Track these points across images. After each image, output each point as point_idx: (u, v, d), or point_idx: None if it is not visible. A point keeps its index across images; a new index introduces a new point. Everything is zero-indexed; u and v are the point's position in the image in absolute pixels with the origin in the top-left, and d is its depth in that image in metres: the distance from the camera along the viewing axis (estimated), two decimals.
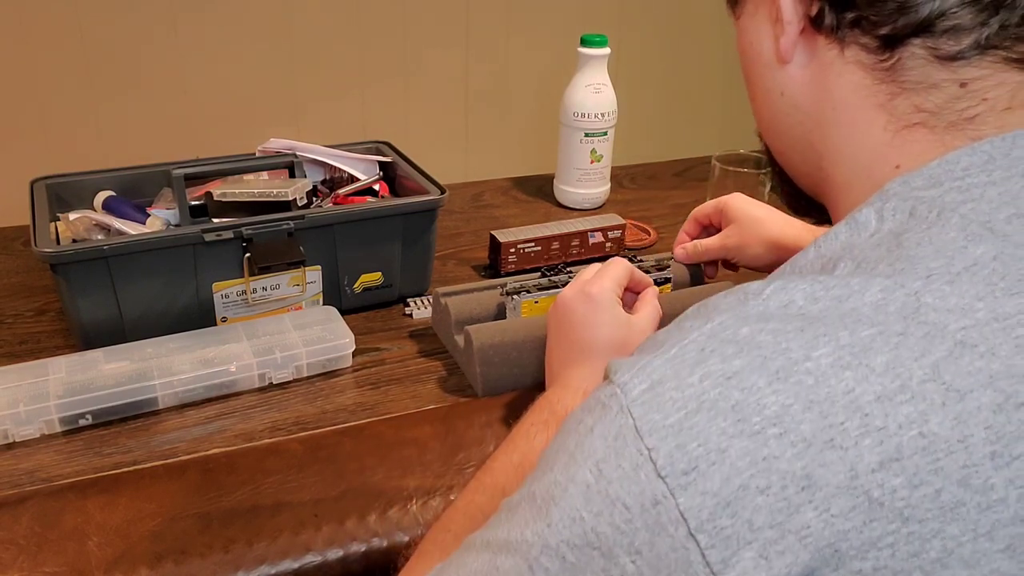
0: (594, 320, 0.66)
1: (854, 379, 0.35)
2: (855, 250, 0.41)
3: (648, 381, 0.38)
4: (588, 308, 0.66)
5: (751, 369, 0.36)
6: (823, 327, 0.37)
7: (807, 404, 0.35)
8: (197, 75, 1.47)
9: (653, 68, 1.83)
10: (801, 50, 0.48)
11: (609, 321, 0.66)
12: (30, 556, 0.59)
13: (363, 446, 0.71)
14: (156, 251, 0.81)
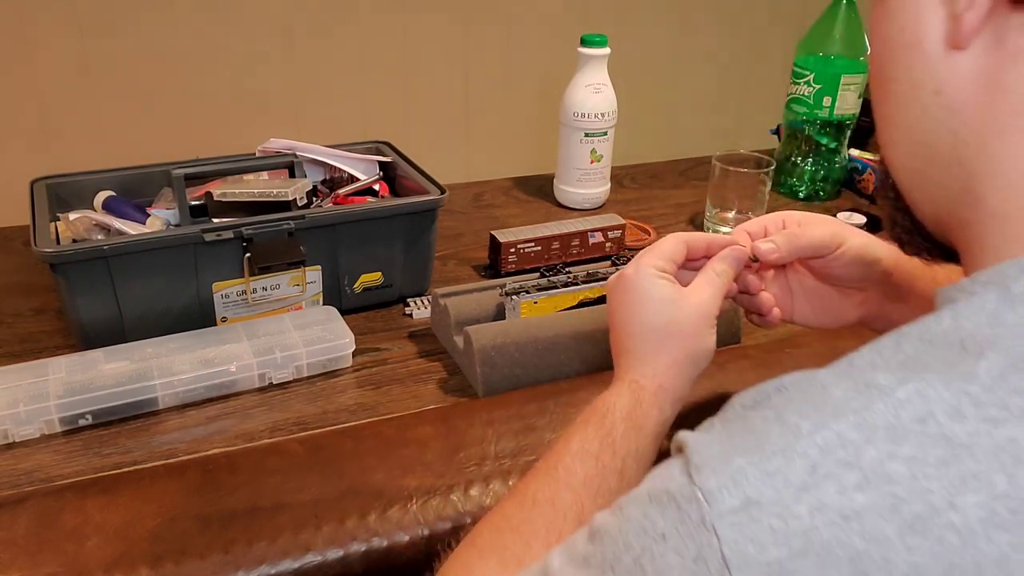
0: (630, 300, 0.59)
1: (1011, 545, 0.28)
2: (1010, 339, 0.33)
3: (741, 497, 0.32)
4: (624, 289, 0.60)
5: (879, 511, 0.29)
6: (973, 463, 0.30)
7: (948, 568, 0.28)
8: (197, 75, 1.47)
9: (653, 68, 1.83)
10: (983, 39, 0.39)
11: (646, 301, 0.58)
12: (29, 556, 0.58)
13: (363, 446, 0.70)
14: (156, 251, 0.81)
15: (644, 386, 0.58)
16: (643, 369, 0.58)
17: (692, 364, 0.59)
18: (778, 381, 0.38)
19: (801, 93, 1.23)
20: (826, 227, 0.64)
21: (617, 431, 0.55)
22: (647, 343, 0.58)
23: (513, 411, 0.75)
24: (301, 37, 1.52)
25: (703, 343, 0.59)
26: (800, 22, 1.81)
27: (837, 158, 1.26)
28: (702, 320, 0.59)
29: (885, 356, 0.35)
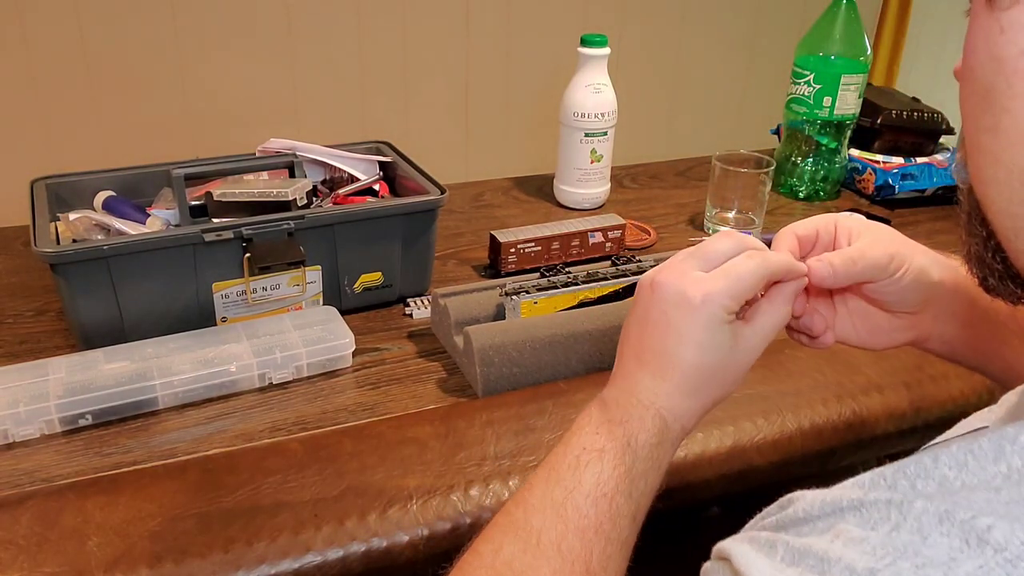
0: (686, 333, 0.50)
1: None
2: None
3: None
4: (684, 316, 0.50)
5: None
6: None
7: None
8: (197, 75, 1.47)
9: (653, 68, 1.83)
10: None
11: (705, 342, 0.50)
12: (30, 556, 0.58)
13: (363, 446, 0.71)
14: (156, 251, 0.81)
15: (670, 426, 0.52)
16: (673, 403, 0.52)
17: (717, 403, 0.54)
18: (857, 494, 0.33)
19: (801, 93, 1.23)
20: (885, 247, 0.56)
21: (636, 472, 0.50)
22: (689, 379, 0.51)
23: (513, 411, 0.75)
24: (301, 37, 1.52)
25: (738, 384, 0.54)
26: (800, 22, 1.81)
27: (837, 158, 1.26)
28: (749, 364, 0.54)
29: (982, 464, 0.32)
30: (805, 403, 0.78)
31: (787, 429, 0.75)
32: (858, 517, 0.32)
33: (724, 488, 0.72)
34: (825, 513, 0.34)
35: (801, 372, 0.82)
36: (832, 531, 0.33)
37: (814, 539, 0.33)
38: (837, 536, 0.32)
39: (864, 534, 0.31)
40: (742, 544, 0.35)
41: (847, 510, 0.33)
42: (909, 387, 0.80)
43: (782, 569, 0.32)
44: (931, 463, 0.33)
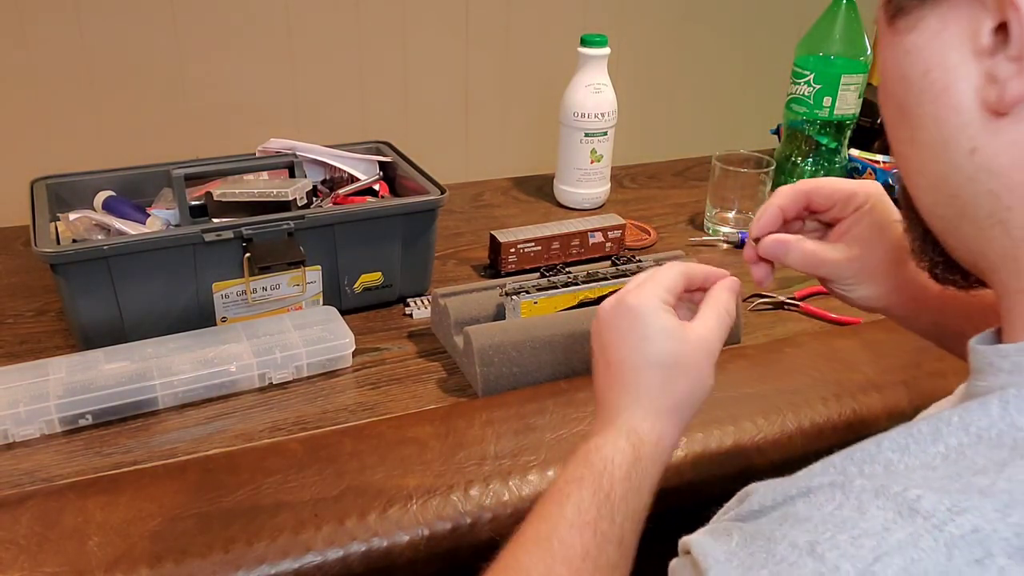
0: (634, 334, 0.54)
1: None
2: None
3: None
4: (626, 321, 0.55)
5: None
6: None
7: None
8: (197, 75, 1.47)
9: (653, 68, 1.83)
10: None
11: (653, 335, 0.53)
12: (30, 556, 0.59)
13: (363, 446, 0.71)
14: (156, 251, 0.81)
15: (644, 439, 0.53)
16: (642, 412, 0.54)
17: (691, 405, 0.55)
18: (805, 481, 0.35)
19: (801, 93, 1.23)
20: (844, 251, 0.59)
21: (616, 494, 0.51)
22: (650, 380, 0.54)
23: (512, 411, 0.75)
24: (301, 37, 1.52)
25: (706, 383, 0.55)
26: (800, 22, 1.81)
27: (837, 158, 1.26)
28: (708, 358, 0.55)
29: (922, 447, 0.33)
30: (804, 402, 0.78)
31: (787, 428, 0.75)
32: (806, 501, 0.34)
33: (724, 488, 0.71)
34: (778, 503, 0.36)
35: (800, 371, 0.82)
36: (782, 515, 0.35)
37: (765, 523, 0.35)
38: (786, 519, 0.34)
39: (809, 513, 0.33)
40: (702, 536, 0.37)
41: (797, 497, 0.35)
42: (908, 385, 0.80)
43: (735, 552, 0.34)
44: (875, 449, 0.35)
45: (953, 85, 0.37)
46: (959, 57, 0.36)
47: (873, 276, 0.59)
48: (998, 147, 0.36)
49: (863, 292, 0.59)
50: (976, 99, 0.36)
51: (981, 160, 0.37)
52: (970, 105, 0.36)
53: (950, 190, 0.39)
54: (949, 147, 0.38)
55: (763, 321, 0.93)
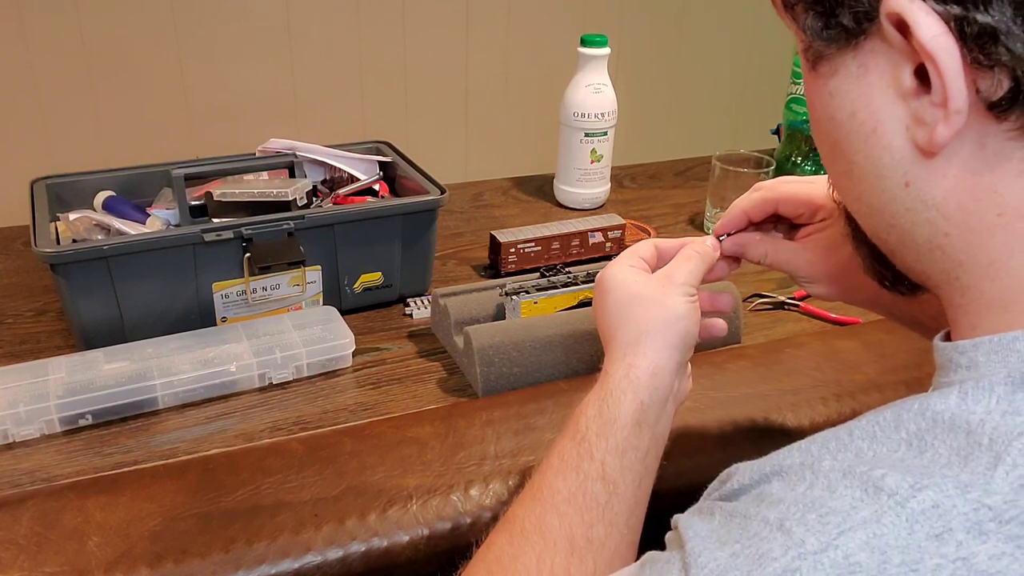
0: (604, 293, 0.58)
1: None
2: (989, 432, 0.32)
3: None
4: (600, 288, 0.59)
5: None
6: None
7: None
8: (197, 75, 1.47)
9: (653, 68, 1.83)
10: (961, 142, 0.35)
11: (617, 285, 0.57)
12: (30, 556, 0.58)
13: (363, 445, 0.71)
14: (156, 251, 0.81)
15: (611, 373, 0.55)
16: (613, 353, 0.56)
17: (664, 333, 0.55)
18: (778, 461, 0.38)
19: (801, 93, 1.23)
20: (804, 254, 0.62)
21: (591, 432, 0.53)
22: (615, 322, 0.57)
23: (512, 411, 0.75)
24: (301, 37, 1.52)
25: (671, 309, 0.56)
26: None
27: None
28: (666, 285, 0.57)
29: (887, 434, 0.35)
30: (805, 402, 0.78)
31: (787, 428, 0.75)
32: (780, 481, 0.36)
33: None
34: (755, 481, 0.38)
35: (801, 371, 0.82)
36: (759, 495, 0.37)
37: (743, 502, 0.37)
38: (762, 500, 0.36)
39: (783, 495, 0.35)
40: (689, 515, 0.39)
41: (771, 476, 0.37)
42: (908, 385, 0.80)
43: (716, 529, 0.36)
44: (847, 437, 0.37)
45: (881, 126, 0.38)
46: (883, 99, 0.37)
47: (831, 278, 0.61)
48: (933, 180, 0.37)
49: (821, 290, 0.63)
50: (906, 137, 0.37)
51: (916, 192, 0.38)
52: (901, 143, 0.37)
53: (889, 219, 0.40)
54: (884, 181, 0.39)
55: (763, 321, 0.93)
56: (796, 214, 0.62)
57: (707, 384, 0.80)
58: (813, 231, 0.62)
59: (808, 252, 0.61)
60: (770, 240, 0.63)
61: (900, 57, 0.36)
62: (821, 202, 0.61)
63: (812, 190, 0.61)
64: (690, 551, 0.35)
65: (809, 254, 0.61)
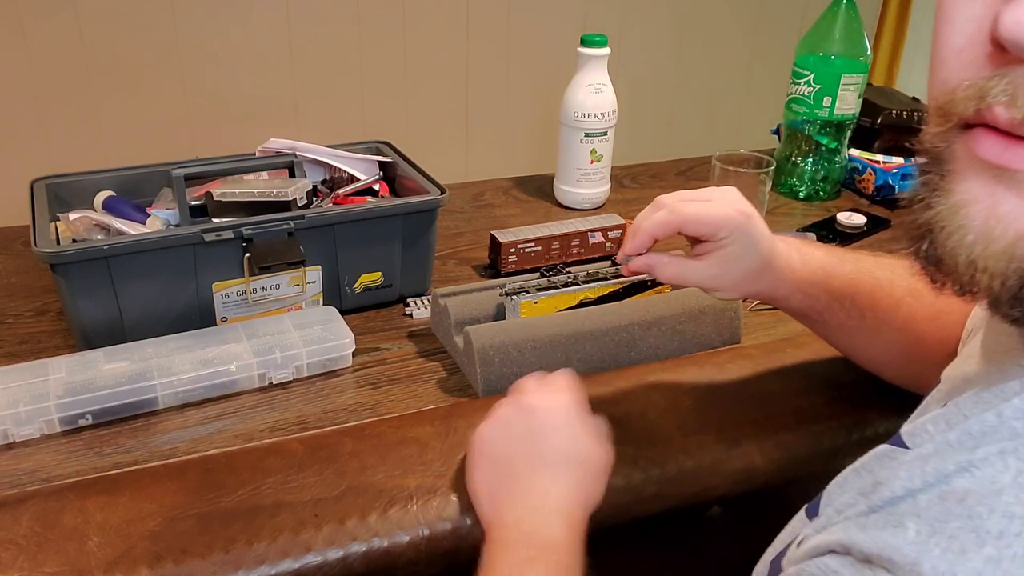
0: (570, 431, 0.63)
1: None
2: None
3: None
4: (559, 419, 0.64)
5: None
6: None
7: None
8: (197, 75, 1.47)
9: (653, 68, 1.83)
10: None
11: (580, 435, 0.63)
12: (30, 556, 0.58)
13: (363, 446, 0.71)
14: (156, 251, 0.81)
15: (573, 515, 0.59)
16: (572, 493, 0.61)
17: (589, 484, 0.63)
18: (949, 456, 0.36)
19: (801, 93, 1.23)
20: (705, 269, 0.67)
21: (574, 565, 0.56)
22: (572, 467, 0.63)
23: None
24: (301, 37, 1.52)
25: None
26: (800, 22, 1.81)
27: (837, 158, 1.26)
28: (606, 459, 0.64)
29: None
30: (806, 402, 0.78)
31: (788, 428, 0.75)
32: (972, 476, 0.34)
33: (725, 489, 0.71)
34: (928, 484, 0.36)
35: (802, 371, 0.82)
36: (946, 494, 0.34)
37: (928, 506, 0.35)
38: (962, 498, 0.34)
39: (996, 485, 0.33)
40: (861, 532, 0.36)
41: (954, 475, 0.35)
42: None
43: (924, 542, 0.33)
44: (996, 420, 0.36)
45: None
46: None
47: (731, 288, 0.68)
48: None
49: (724, 295, 0.69)
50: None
51: None
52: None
53: None
54: None
55: (763, 321, 0.93)
56: (698, 235, 0.67)
57: (707, 384, 0.80)
58: (714, 248, 0.66)
59: (713, 268, 0.67)
60: (677, 261, 0.68)
61: None
62: (720, 223, 0.65)
63: (713, 210, 0.66)
64: (913, 564, 0.33)
65: (714, 269, 0.66)
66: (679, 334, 0.84)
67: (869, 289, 0.70)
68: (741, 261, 0.66)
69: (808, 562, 0.38)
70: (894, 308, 0.70)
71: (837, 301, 0.70)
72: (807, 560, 0.38)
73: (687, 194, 0.68)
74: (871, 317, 0.71)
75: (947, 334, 0.66)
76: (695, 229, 0.66)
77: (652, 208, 0.68)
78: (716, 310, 0.86)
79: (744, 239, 0.66)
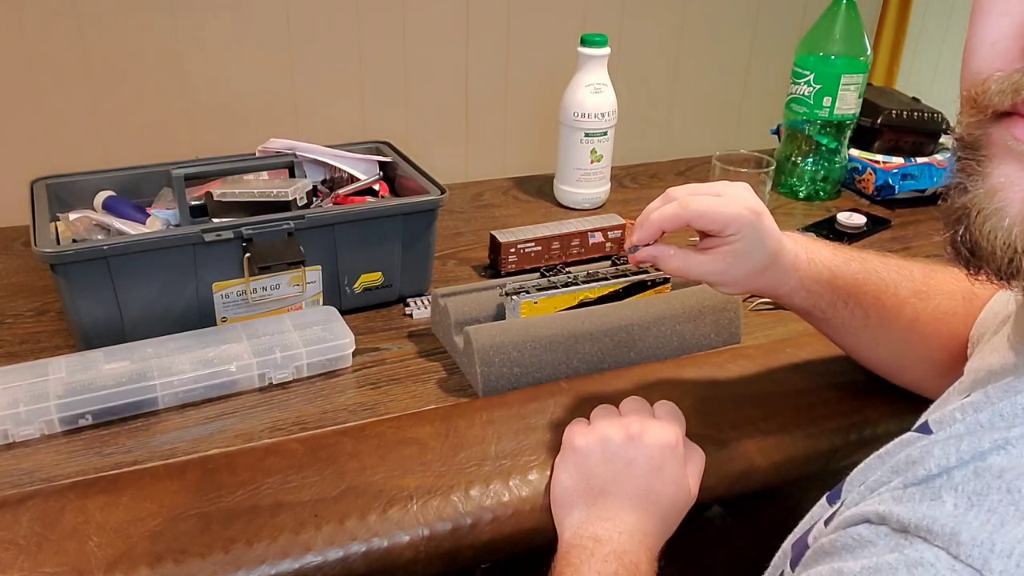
0: (670, 473, 0.64)
1: None
2: None
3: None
4: (665, 458, 0.65)
5: None
6: None
7: None
8: (197, 75, 1.47)
9: (653, 68, 1.83)
10: None
11: (679, 479, 0.65)
12: (30, 556, 0.58)
13: (363, 446, 0.71)
14: (156, 251, 0.81)
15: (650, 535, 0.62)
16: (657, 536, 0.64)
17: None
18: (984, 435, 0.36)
19: (801, 93, 1.23)
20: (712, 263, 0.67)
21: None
22: (664, 515, 0.65)
23: (513, 411, 0.75)
24: (301, 37, 1.51)
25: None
26: (800, 22, 1.81)
27: (837, 158, 1.26)
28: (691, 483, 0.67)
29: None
30: (805, 402, 0.78)
31: (788, 429, 0.75)
32: (1007, 455, 0.35)
33: (725, 488, 0.72)
34: (963, 460, 0.36)
35: (801, 372, 0.82)
36: (982, 470, 0.35)
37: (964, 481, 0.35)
38: (999, 474, 0.34)
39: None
40: (898, 505, 0.36)
41: (990, 452, 0.35)
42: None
43: (962, 515, 0.34)
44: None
45: None
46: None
47: (735, 283, 0.68)
48: None
49: (728, 290, 0.70)
50: None
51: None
52: None
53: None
54: None
55: (763, 321, 0.93)
56: (707, 230, 0.67)
57: (708, 384, 0.80)
58: (722, 243, 0.66)
59: (718, 263, 0.67)
60: (682, 254, 0.68)
61: None
62: (728, 220, 0.65)
63: (723, 207, 0.65)
64: (952, 533, 0.33)
65: (719, 264, 0.67)
66: (679, 334, 0.84)
67: (874, 289, 0.70)
68: (747, 258, 0.66)
69: (841, 532, 0.38)
70: (898, 308, 0.70)
71: (841, 300, 0.71)
72: (839, 531, 0.38)
73: (699, 187, 0.68)
74: (875, 317, 0.71)
75: (952, 337, 0.66)
76: (704, 224, 0.66)
77: (662, 200, 0.68)
78: (716, 310, 0.86)
79: (752, 237, 0.66)
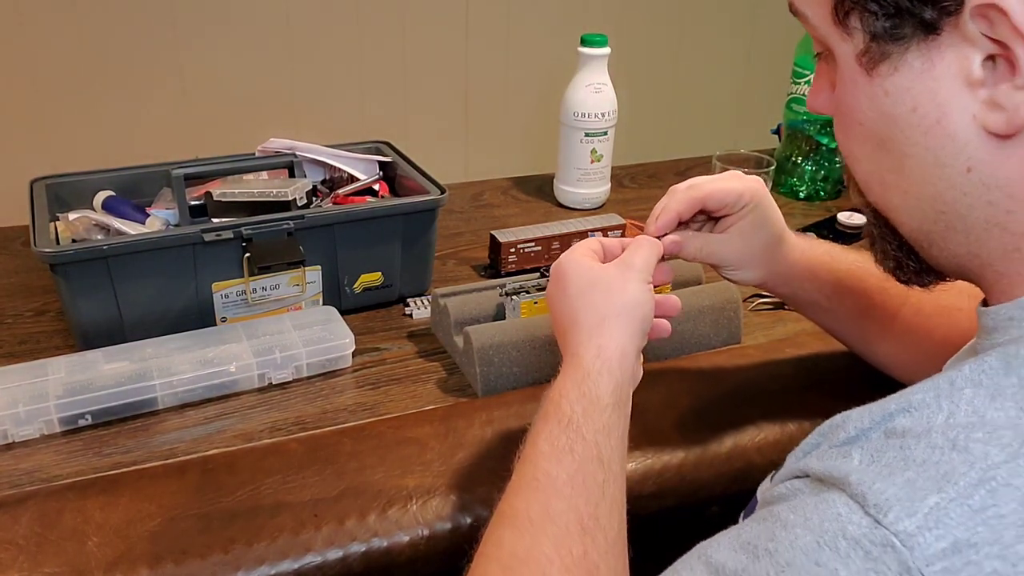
0: (559, 284, 0.61)
1: None
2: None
3: (949, 539, 0.31)
4: (554, 279, 0.62)
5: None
6: None
7: None
8: (197, 75, 1.47)
9: (653, 68, 1.83)
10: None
11: (572, 275, 0.60)
12: (30, 556, 0.58)
13: (363, 446, 0.71)
14: (156, 251, 0.81)
15: (582, 355, 0.57)
16: (578, 335, 0.58)
17: (626, 317, 0.58)
18: (898, 403, 0.39)
19: (801, 93, 1.23)
20: (729, 243, 0.67)
21: (576, 414, 0.54)
22: (576, 306, 0.59)
23: (512, 411, 0.75)
24: (301, 37, 1.52)
25: (631, 294, 0.59)
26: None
27: (837, 158, 1.26)
28: (624, 271, 0.60)
29: (996, 380, 0.37)
30: (805, 403, 0.78)
31: (787, 428, 0.75)
32: (911, 416, 0.37)
33: (724, 488, 0.71)
34: (876, 423, 0.39)
35: (801, 372, 0.82)
36: (888, 431, 0.38)
37: (877, 441, 0.38)
38: (902, 435, 0.37)
39: (926, 424, 0.36)
40: (817, 461, 0.39)
41: (896, 414, 0.38)
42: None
43: (869, 465, 0.36)
44: (948, 386, 0.38)
45: (946, 116, 0.40)
46: (950, 91, 0.40)
47: (753, 261, 0.68)
48: (997, 163, 0.40)
49: (746, 275, 0.70)
50: (973, 124, 0.40)
51: (978, 176, 0.41)
52: (967, 130, 0.40)
53: (940, 207, 0.43)
54: (943, 170, 0.41)
55: (763, 321, 0.93)
56: (720, 207, 0.67)
57: (707, 384, 0.80)
58: (735, 220, 0.67)
59: (735, 240, 0.67)
60: (701, 236, 0.68)
61: (971, 48, 0.38)
62: (740, 189, 0.66)
63: (731, 181, 0.67)
64: (855, 483, 0.35)
65: (736, 242, 0.67)
66: (679, 334, 0.84)
67: (877, 277, 0.69)
68: (760, 232, 0.67)
69: (780, 485, 0.41)
70: (902, 296, 0.71)
71: (846, 287, 0.71)
72: (776, 486, 0.42)
73: (700, 178, 0.68)
74: (879, 305, 0.71)
75: (955, 329, 0.66)
76: (719, 200, 0.66)
77: (668, 196, 0.67)
78: (715, 310, 0.86)
79: (763, 208, 0.67)
